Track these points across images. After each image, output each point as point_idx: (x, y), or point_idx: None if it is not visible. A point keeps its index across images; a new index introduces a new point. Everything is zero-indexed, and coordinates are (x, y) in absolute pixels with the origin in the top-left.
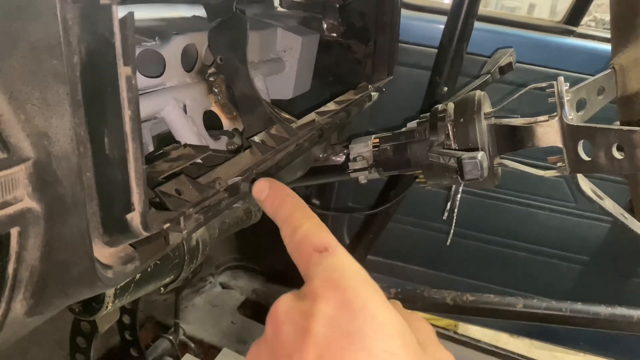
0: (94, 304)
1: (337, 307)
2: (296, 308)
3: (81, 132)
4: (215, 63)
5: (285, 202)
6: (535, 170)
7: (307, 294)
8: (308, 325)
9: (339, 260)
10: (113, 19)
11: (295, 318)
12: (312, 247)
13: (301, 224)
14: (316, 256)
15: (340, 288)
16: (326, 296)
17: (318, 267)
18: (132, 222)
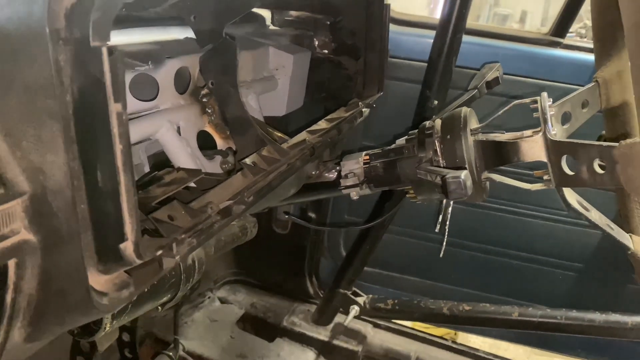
0: (92, 325)
1: None
2: None
3: (75, 166)
4: (207, 85)
5: None
6: (523, 184)
7: None
8: None
9: None
10: (103, 60)
11: None
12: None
13: None
14: None
15: None
16: None
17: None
18: (126, 251)
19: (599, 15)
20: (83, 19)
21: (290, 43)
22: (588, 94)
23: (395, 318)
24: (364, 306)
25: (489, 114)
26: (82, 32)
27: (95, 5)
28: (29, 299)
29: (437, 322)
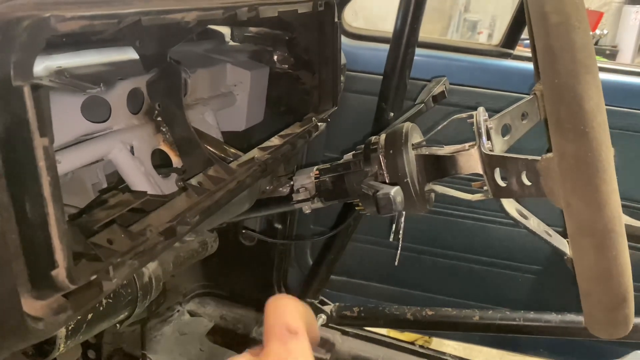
0: (45, 346)
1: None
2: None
3: (3, 198)
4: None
5: (287, 344)
6: (464, 195)
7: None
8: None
9: (301, 347)
10: (25, 99)
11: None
12: (286, 323)
13: (289, 303)
14: (285, 332)
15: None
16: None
17: (280, 343)
18: (58, 277)
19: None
20: (4, 59)
21: (248, 59)
22: (527, 106)
23: (362, 325)
24: (331, 314)
25: (435, 127)
26: (3, 72)
27: (16, 47)
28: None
29: (401, 327)
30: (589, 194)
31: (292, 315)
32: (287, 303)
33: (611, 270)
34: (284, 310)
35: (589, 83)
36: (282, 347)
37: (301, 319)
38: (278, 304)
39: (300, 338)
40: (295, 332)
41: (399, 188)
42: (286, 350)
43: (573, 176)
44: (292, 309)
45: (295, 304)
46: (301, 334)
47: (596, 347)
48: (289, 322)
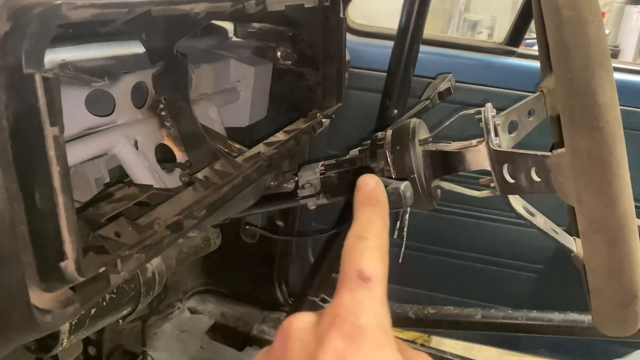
0: (49, 341)
1: (347, 343)
2: (310, 330)
3: (13, 188)
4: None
5: (373, 208)
6: (471, 191)
7: (326, 316)
8: (316, 352)
9: (371, 298)
10: (37, 87)
11: (306, 339)
12: (358, 270)
13: (370, 238)
14: (355, 281)
15: (357, 326)
16: (341, 328)
17: (350, 293)
18: (67, 269)
19: (541, 28)
20: (15, 47)
21: (251, 55)
22: (534, 103)
23: None
24: None
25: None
26: (15, 59)
27: (27, 34)
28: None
29: (403, 326)
30: (601, 190)
31: (368, 255)
32: (366, 238)
33: (623, 267)
34: (361, 249)
35: (602, 77)
36: (348, 297)
37: (380, 258)
38: (355, 243)
39: (373, 287)
40: (367, 278)
41: (408, 183)
42: (353, 302)
43: (586, 172)
44: (372, 242)
45: (377, 232)
46: (375, 280)
47: (597, 347)
48: (361, 266)
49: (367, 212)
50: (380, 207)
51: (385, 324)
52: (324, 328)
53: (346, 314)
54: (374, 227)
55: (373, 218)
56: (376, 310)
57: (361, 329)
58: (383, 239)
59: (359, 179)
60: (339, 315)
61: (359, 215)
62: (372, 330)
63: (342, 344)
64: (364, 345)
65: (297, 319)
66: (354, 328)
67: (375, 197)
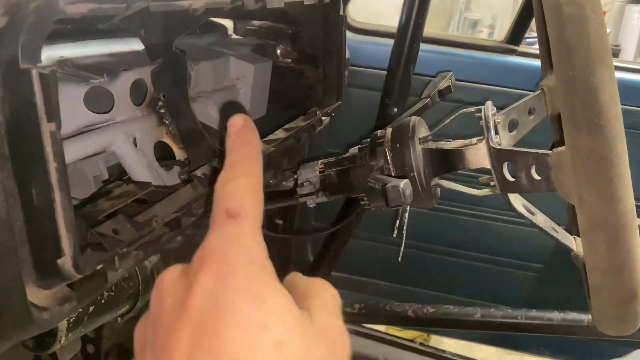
0: (47, 338)
1: (216, 281)
2: (180, 280)
3: (9, 185)
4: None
5: (242, 148)
6: (471, 190)
7: (195, 260)
8: (186, 298)
9: (240, 233)
10: (33, 82)
11: (177, 290)
12: (225, 207)
13: (237, 176)
14: (223, 219)
15: (224, 262)
16: (208, 268)
17: (217, 232)
18: (64, 266)
19: (542, 26)
20: (12, 41)
21: (251, 52)
22: (534, 101)
23: (362, 322)
24: None
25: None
26: (11, 54)
27: (24, 29)
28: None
29: (402, 324)
30: (602, 188)
31: (236, 193)
32: (235, 172)
33: (623, 265)
34: (229, 188)
35: (604, 75)
36: (216, 236)
37: (249, 193)
38: (224, 184)
39: (241, 222)
40: (236, 214)
41: (407, 181)
42: (220, 240)
43: (587, 169)
44: (240, 180)
45: (246, 170)
46: (244, 215)
47: (597, 346)
48: (229, 204)
49: (236, 154)
50: (251, 147)
51: (258, 256)
52: (192, 273)
53: (213, 253)
54: (243, 166)
55: (241, 158)
56: (246, 243)
57: (229, 265)
58: (253, 176)
59: (229, 120)
60: (206, 255)
61: (228, 157)
62: (241, 264)
63: (212, 284)
64: (234, 281)
65: (167, 272)
66: (222, 265)
67: (242, 137)
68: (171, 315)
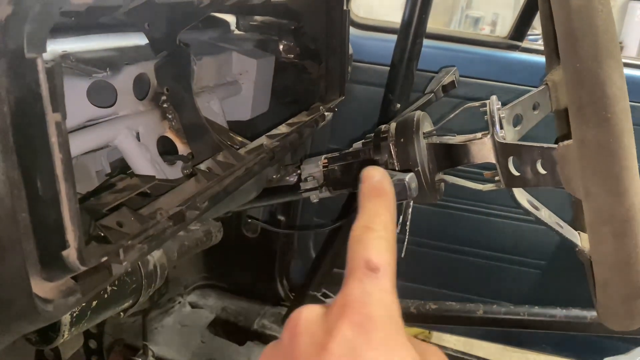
0: (50, 333)
1: (357, 332)
2: (319, 322)
3: (14, 176)
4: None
5: (380, 199)
6: (475, 184)
7: (335, 306)
8: (326, 342)
9: (379, 287)
10: (38, 71)
11: (315, 331)
12: (366, 260)
13: (377, 229)
14: (363, 272)
15: (367, 316)
16: (351, 319)
17: (358, 283)
18: (69, 258)
19: (546, 21)
20: (17, 30)
21: (254, 48)
22: (539, 96)
23: None
24: None
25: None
26: (16, 43)
27: (29, 18)
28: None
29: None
30: (609, 181)
31: (376, 246)
32: (373, 230)
33: (630, 259)
34: (368, 239)
35: (611, 67)
36: (357, 287)
37: (388, 248)
38: (362, 234)
39: (381, 277)
40: (376, 268)
41: (413, 174)
42: (362, 291)
43: (594, 163)
44: (379, 233)
45: (384, 223)
46: (383, 270)
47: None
48: (369, 256)
49: (373, 204)
50: (387, 198)
51: (395, 314)
52: (333, 319)
53: (355, 304)
54: (381, 218)
55: (380, 210)
56: (385, 300)
57: (371, 319)
58: (390, 230)
59: (364, 171)
60: (348, 305)
61: (366, 207)
62: (381, 320)
63: (352, 334)
64: (374, 335)
65: (305, 311)
66: (364, 318)
67: (381, 189)
68: (308, 355)
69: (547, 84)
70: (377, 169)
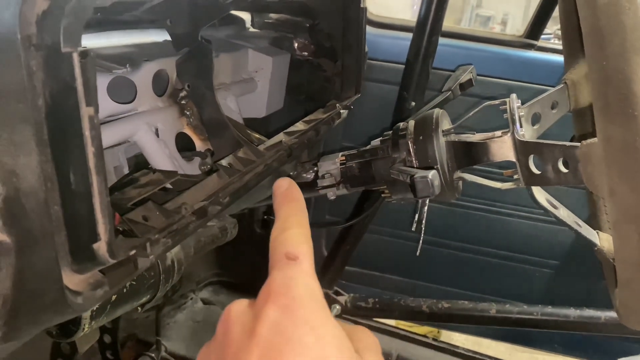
0: (70, 326)
1: (282, 314)
2: (247, 311)
3: (48, 169)
4: (184, 88)
5: (290, 204)
6: (494, 183)
7: (261, 295)
8: (254, 327)
9: (299, 273)
10: (74, 65)
11: (244, 320)
12: (285, 252)
13: (291, 227)
14: (284, 262)
15: (290, 297)
16: (275, 302)
17: (280, 271)
18: (99, 250)
19: (566, 19)
20: (54, 25)
21: (269, 45)
22: (557, 95)
23: (376, 316)
24: (345, 305)
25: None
26: (53, 38)
27: (65, 12)
28: (4, 299)
29: (417, 319)
30: (636, 180)
31: (293, 240)
32: (288, 223)
33: None
34: (285, 237)
35: (638, 65)
36: (280, 274)
37: (304, 240)
38: (279, 234)
39: (301, 263)
40: (295, 257)
41: (435, 172)
42: (284, 277)
43: (619, 161)
44: (294, 230)
45: (297, 222)
46: (302, 258)
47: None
48: (287, 249)
49: (286, 208)
50: (298, 202)
51: (317, 295)
52: (259, 305)
53: (279, 289)
54: (294, 218)
55: (291, 211)
56: (307, 282)
57: (294, 299)
58: (304, 227)
59: (275, 183)
60: (272, 290)
61: (279, 212)
62: (305, 299)
63: (278, 315)
64: (299, 314)
65: (235, 305)
66: (288, 299)
67: (290, 195)
68: (239, 342)
69: (566, 82)
70: (285, 179)
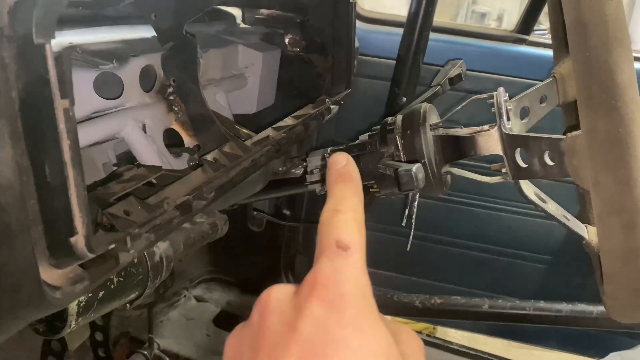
0: (57, 323)
1: (328, 311)
2: (288, 300)
3: (23, 162)
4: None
5: (346, 183)
6: (481, 177)
7: (305, 284)
8: (295, 322)
9: (350, 265)
10: (47, 57)
11: (285, 310)
12: (336, 239)
13: (345, 210)
14: (334, 250)
15: (338, 293)
16: (321, 296)
17: (329, 261)
18: (77, 244)
19: (554, 13)
20: (26, 16)
21: (260, 41)
22: (546, 89)
23: None
24: None
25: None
26: (25, 29)
27: (38, 3)
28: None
29: (410, 315)
30: (619, 171)
31: (346, 226)
32: (342, 211)
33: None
34: (338, 221)
35: (621, 56)
36: (328, 265)
37: (357, 229)
38: (332, 216)
39: (352, 255)
40: (346, 247)
41: (420, 165)
42: (333, 269)
43: (603, 153)
44: (348, 214)
45: (352, 206)
46: (354, 249)
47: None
48: (339, 236)
49: (340, 188)
50: (354, 182)
51: (367, 292)
52: (303, 297)
53: (326, 281)
54: (349, 201)
55: (347, 193)
56: (357, 277)
57: (342, 296)
58: (359, 212)
59: (330, 157)
60: (318, 282)
61: (333, 191)
62: (353, 297)
63: (323, 312)
64: (345, 313)
65: (275, 290)
66: (335, 295)
67: (347, 174)
68: (277, 335)
69: (555, 76)
70: (343, 155)
